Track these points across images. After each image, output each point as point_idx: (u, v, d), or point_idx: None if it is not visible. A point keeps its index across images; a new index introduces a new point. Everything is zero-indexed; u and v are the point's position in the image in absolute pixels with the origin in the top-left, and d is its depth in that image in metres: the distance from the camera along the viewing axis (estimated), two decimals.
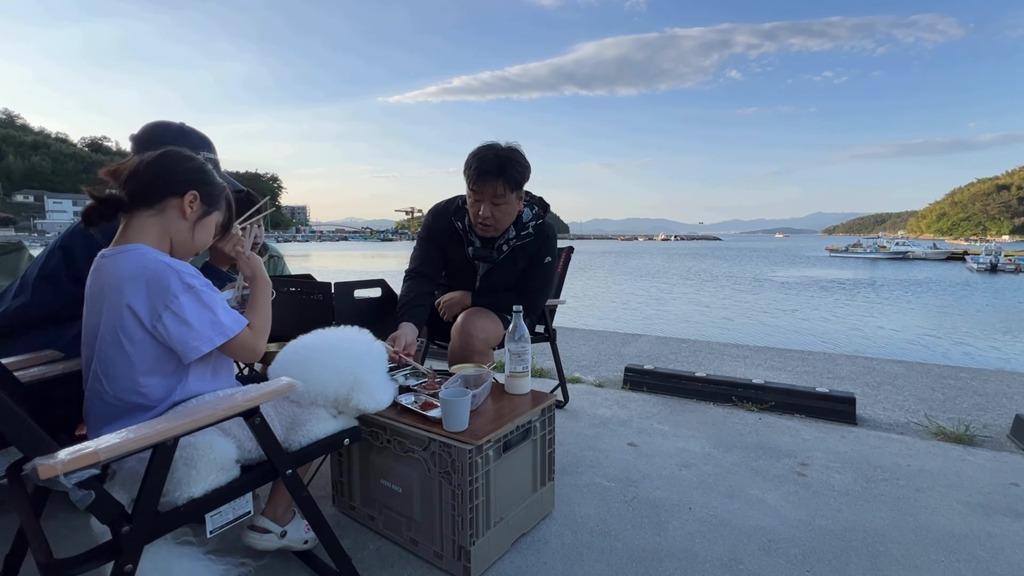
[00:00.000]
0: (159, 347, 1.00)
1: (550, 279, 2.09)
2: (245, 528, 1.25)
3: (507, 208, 1.86)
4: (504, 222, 1.91)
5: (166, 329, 0.97)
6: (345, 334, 1.28)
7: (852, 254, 54.68)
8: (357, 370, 1.20)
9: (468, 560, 1.27)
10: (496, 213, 1.86)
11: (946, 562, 1.39)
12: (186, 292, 0.98)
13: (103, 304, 0.99)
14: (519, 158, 1.85)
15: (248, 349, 1.07)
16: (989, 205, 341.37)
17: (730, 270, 34.93)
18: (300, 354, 1.21)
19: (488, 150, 1.83)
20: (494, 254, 1.98)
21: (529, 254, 2.01)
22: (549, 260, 2.03)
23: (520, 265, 2.02)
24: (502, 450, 1.36)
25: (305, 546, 1.32)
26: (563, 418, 2.44)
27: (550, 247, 2.03)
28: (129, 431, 0.80)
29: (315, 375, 1.15)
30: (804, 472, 1.91)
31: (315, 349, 1.22)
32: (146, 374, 0.99)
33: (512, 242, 1.96)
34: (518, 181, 1.84)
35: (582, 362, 3.82)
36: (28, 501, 0.99)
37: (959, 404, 2.84)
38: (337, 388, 1.18)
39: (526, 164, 1.87)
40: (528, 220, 1.99)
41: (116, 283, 0.97)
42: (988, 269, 36.37)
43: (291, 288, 1.85)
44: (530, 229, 1.98)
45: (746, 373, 3.41)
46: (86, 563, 0.82)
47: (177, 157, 1.11)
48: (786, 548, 1.44)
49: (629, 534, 1.50)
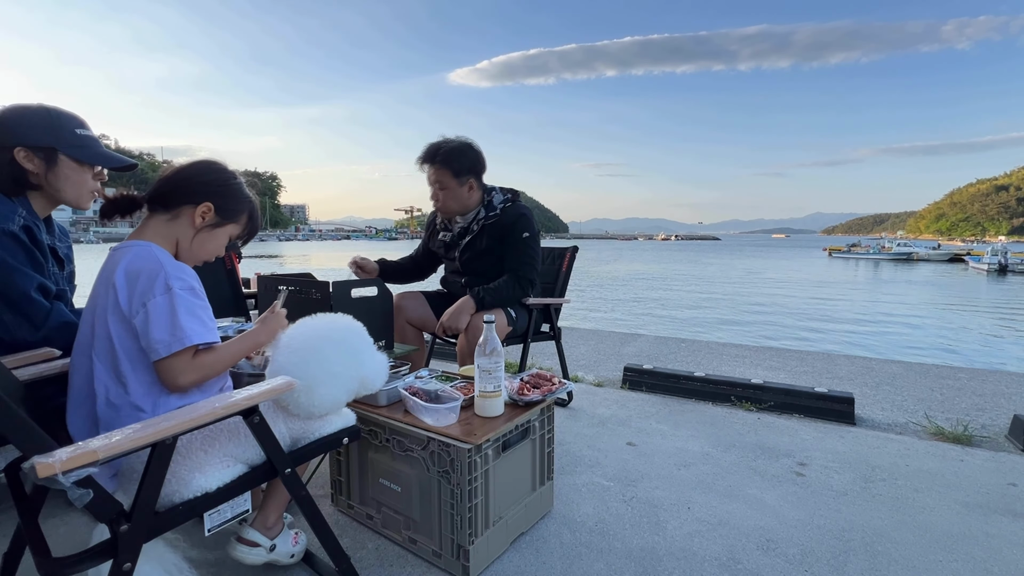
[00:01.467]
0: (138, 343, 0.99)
1: (532, 253, 2.22)
2: (233, 540, 1.22)
3: (450, 193, 2.14)
4: (450, 205, 2.18)
5: (140, 324, 0.98)
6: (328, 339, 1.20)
7: (854, 254, 54.30)
8: (359, 373, 1.19)
9: (467, 559, 1.28)
10: (440, 196, 2.16)
11: (944, 562, 1.39)
12: (165, 293, 0.98)
13: (104, 291, 1.01)
14: (459, 147, 2.12)
15: (190, 370, 0.99)
16: (988, 206, 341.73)
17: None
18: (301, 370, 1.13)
19: (435, 143, 2.15)
20: (470, 229, 2.23)
21: (502, 233, 2.19)
22: (527, 235, 2.20)
23: (494, 244, 2.20)
24: (501, 449, 1.36)
25: (291, 560, 1.29)
26: (562, 417, 2.44)
27: (524, 224, 2.20)
28: (128, 430, 0.80)
29: (320, 393, 1.12)
30: (803, 472, 1.91)
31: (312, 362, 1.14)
32: (131, 371, 0.99)
33: (481, 221, 2.21)
34: (453, 168, 2.10)
35: (581, 361, 3.82)
36: (26, 499, 0.99)
37: (958, 404, 2.84)
38: (345, 396, 1.18)
39: (468, 154, 2.13)
40: (498, 204, 2.23)
41: (109, 275, 1.01)
42: (997, 270, 33.78)
43: (290, 287, 1.85)
44: (497, 210, 2.21)
45: (745, 373, 3.42)
46: (84, 562, 0.82)
47: (203, 168, 1.15)
48: (785, 548, 1.44)
49: (628, 533, 1.50)
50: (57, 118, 1.33)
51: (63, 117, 1.34)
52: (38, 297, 1.28)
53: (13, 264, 1.24)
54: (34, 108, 1.32)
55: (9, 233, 1.24)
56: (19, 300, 1.25)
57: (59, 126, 1.32)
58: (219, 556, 1.34)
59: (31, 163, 1.29)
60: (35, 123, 1.30)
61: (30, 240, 1.30)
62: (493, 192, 2.26)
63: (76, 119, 1.37)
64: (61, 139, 1.32)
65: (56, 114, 1.34)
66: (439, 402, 1.39)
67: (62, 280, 1.44)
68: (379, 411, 1.43)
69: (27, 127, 1.29)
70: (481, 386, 1.38)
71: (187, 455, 0.98)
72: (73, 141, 1.34)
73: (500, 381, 1.39)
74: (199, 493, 0.94)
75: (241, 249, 1.50)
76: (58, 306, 1.32)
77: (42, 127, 1.31)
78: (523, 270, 2.18)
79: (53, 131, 1.31)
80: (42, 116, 1.32)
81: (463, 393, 1.44)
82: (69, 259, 1.53)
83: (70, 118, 1.35)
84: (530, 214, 2.25)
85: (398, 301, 2.27)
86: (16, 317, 1.26)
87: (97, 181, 1.42)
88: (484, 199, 2.24)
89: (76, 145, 1.34)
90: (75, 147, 1.34)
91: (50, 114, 1.33)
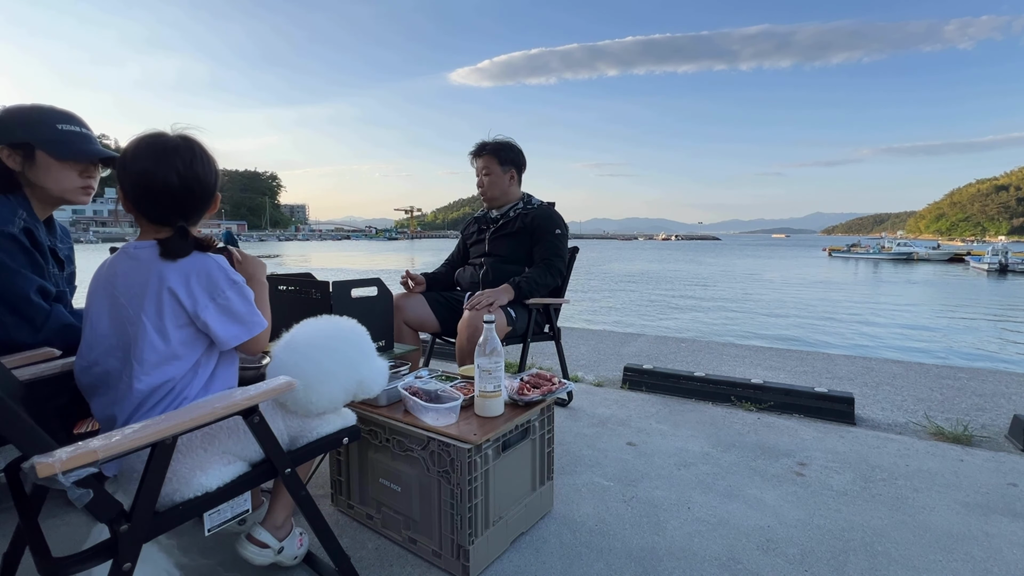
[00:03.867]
0: (195, 333, 1.03)
1: (562, 247, 2.42)
2: (243, 539, 1.24)
3: (495, 179, 2.44)
4: (493, 190, 2.46)
5: (210, 317, 1.01)
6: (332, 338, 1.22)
7: (854, 254, 54.37)
8: (359, 375, 1.20)
9: (467, 559, 1.28)
10: (486, 182, 2.46)
11: (944, 562, 1.39)
12: (232, 287, 1.04)
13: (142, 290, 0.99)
14: (506, 143, 2.47)
15: (261, 344, 1.11)
16: (988, 206, 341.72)
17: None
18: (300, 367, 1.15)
19: (483, 140, 2.49)
20: (507, 215, 2.47)
21: (536, 224, 2.39)
22: (559, 232, 2.41)
23: (524, 233, 2.40)
24: (501, 449, 1.36)
25: (294, 562, 1.30)
26: (562, 417, 2.44)
27: (558, 222, 2.42)
28: (129, 430, 0.80)
29: (318, 391, 1.13)
30: (803, 472, 1.91)
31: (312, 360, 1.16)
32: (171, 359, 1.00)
33: (518, 209, 2.47)
34: (500, 156, 2.43)
35: (581, 361, 3.82)
36: (26, 499, 0.99)
37: (957, 404, 2.84)
38: (343, 396, 1.18)
39: (512, 149, 2.47)
40: (535, 203, 2.50)
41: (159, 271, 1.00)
42: (998, 270, 33.90)
43: (290, 287, 1.85)
44: (534, 205, 2.48)
45: (745, 373, 3.42)
46: (84, 562, 0.82)
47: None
48: (784, 548, 1.44)
49: (628, 533, 1.50)
50: (39, 114, 1.32)
51: (46, 113, 1.33)
52: (38, 299, 1.28)
53: (13, 267, 1.25)
54: (21, 107, 1.32)
55: (8, 235, 1.24)
56: (19, 303, 1.25)
57: (38, 122, 1.32)
58: (213, 561, 1.34)
59: (13, 161, 1.30)
60: (15, 121, 1.30)
61: (30, 242, 1.30)
62: (532, 197, 2.55)
63: (62, 115, 1.35)
64: (38, 135, 1.31)
65: (39, 111, 1.33)
66: (439, 402, 1.39)
67: (62, 281, 1.44)
68: (379, 411, 1.43)
69: (6, 126, 1.30)
70: (481, 386, 1.37)
71: (187, 453, 0.98)
72: (51, 136, 1.32)
73: (500, 381, 1.39)
74: (200, 492, 0.94)
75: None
76: (57, 308, 1.32)
77: (21, 125, 1.31)
78: (555, 261, 2.35)
79: (31, 128, 1.31)
80: (24, 114, 1.32)
81: (463, 393, 1.44)
82: (70, 260, 1.53)
83: (55, 114, 1.34)
84: (562, 219, 2.48)
85: (397, 301, 2.28)
86: (16, 319, 1.26)
87: (89, 177, 1.41)
88: (524, 196, 2.53)
89: (53, 140, 1.33)
90: (51, 142, 1.32)
91: (32, 112, 1.32)
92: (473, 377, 1.42)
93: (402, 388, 1.44)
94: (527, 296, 2.24)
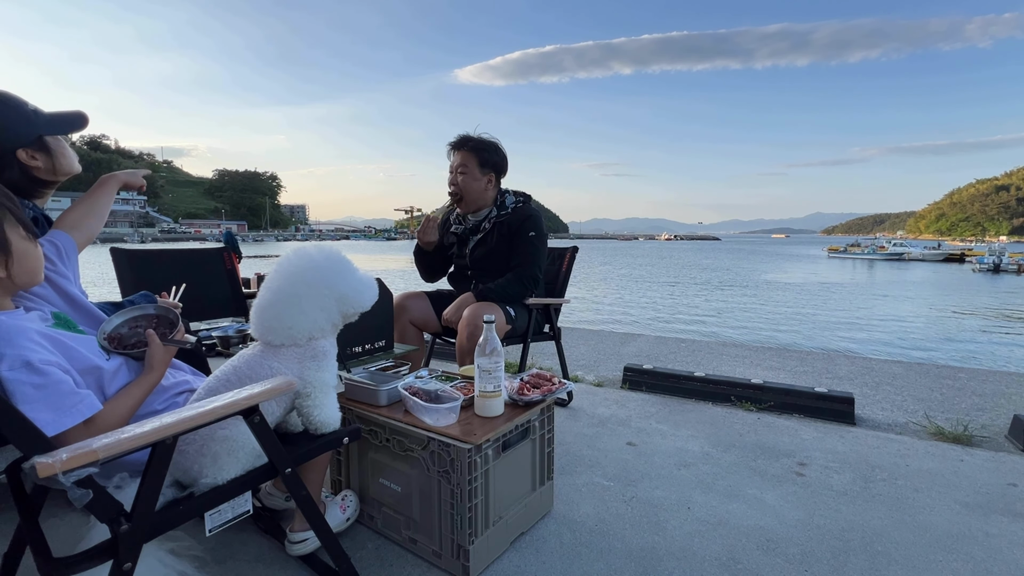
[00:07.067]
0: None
1: (537, 252, 2.27)
2: (286, 544, 1.31)
3: (469, 180, 2.25)
4: (466, 192, 2.27)
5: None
6: (293, 265, 1.19)
7: (851, 255, 55.31)
8: (336, 291, 1.18)
9: (467, 559, 1.28)
10: (460, 181, 2.26)
11: (944, 562, 1.39)
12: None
13: None
14: (491, 143, 2.29)
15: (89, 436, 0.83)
16: (988, 206, 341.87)
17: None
18: (276, 308, 1.14)
19: (467, 134, 2.30)
20: (482, 227, 2.32)
21: (512, 230, 2.27)
22: (533, 235, 2.26)
23: (503, 243, 2.27)
24: (501, 449, 1.36)
25: (347, 523, 1.44)
26: (562, 417, 2.44)
27: (532, 224, 2.27)
28: (129, 429, 0.80)
29: (289, 314, 1.12)
30: (803, 472, 1.91)
31: (272, 289, 1.16)
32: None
33: (493, 218, 2.31)
34: (481, 156, 2.25)
35: (581, 361, 3.82)
36: (27, 499, 0.99)
37: (957, 404, 2.84)
38: (324, 315, 1.17)
39: (496, 151, 2.28)
40: (509, 203, 2.34)
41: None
42: (990, 269, 36.08)
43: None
44: (509, 209, 2.32)
45: (745, 373, 3.42)
46: (84, 562, 0.82)
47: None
48: (784, 548, 1.44)
49: (628, 533, 1.50)
50: (19, 106, 1.27)
51: (18, 102, 1.27)
52: None
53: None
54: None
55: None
56: None
57: (25, 112, 1.27)
58: (213, 561, 1.34)
59: (36, 160, 1.28)
60: (13, 121, 1.25)
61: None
62: (506, 194, 2.37)
63: (21, 98, 1.29)
64: (37, 124, 1.28)
65: (15, 102, 1.27)
66: (439, 402, 1.39)
67: None
68: (379, 411, 1.43)
69: (10, 128, 1.24)
70: (481, 386, 1.37)
71: (186, 452, 0.98)
72: (41, 120, 1.29)
73: (500, 381, 1.39)
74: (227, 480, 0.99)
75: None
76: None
77: (20, 121, 1.26)
78: (527, 268, 2.23)
79: (27, 120, 1.27)
80: (12, 110, 1.26)
81: (463, 393, 1.44)
82: None
83: (19, 100, 1.28)
84: (539, 216, 2.32)
85: (402, 301, 2.30)
86: None
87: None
88: (497, 199, 2.35)
89: (50, 121, 1.30)
90: (50, 123, 1.30)
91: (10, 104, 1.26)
92: (473, 377, 1.41)
93: (402, 388, 1.44)
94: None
